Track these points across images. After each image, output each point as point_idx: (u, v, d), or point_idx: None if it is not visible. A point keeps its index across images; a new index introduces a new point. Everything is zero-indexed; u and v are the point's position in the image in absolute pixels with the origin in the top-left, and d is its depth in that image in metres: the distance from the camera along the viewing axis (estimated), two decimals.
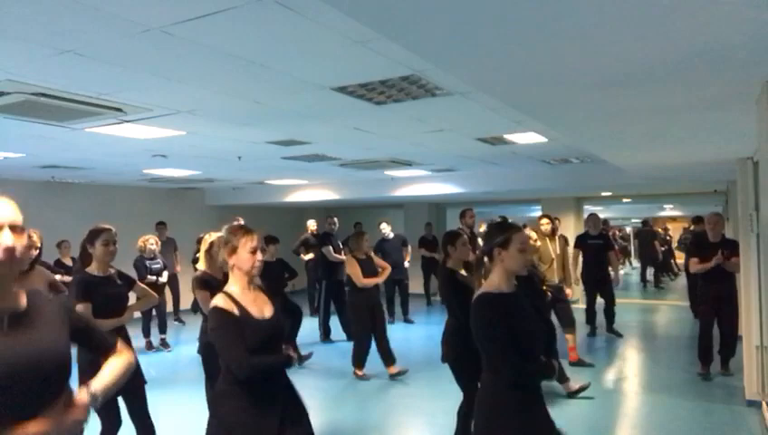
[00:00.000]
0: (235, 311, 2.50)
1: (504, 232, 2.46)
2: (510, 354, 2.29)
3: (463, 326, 3.99)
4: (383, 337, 6.32)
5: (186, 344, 8.39)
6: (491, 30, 2.12)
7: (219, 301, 2.53)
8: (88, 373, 1.66)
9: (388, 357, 6.29)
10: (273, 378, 2.60)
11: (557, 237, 6.86)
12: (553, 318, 6.34)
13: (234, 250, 2.59)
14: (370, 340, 6.32)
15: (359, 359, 6.33)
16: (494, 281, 2.43)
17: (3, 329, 1.45)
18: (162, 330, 8.18)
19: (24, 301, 1.55)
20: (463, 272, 4.20)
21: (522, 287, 2.58)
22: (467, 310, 3.97)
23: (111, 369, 1.74)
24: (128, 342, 3.68)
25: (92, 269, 3.50)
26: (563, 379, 5.38)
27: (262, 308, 2.60)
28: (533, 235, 5.86)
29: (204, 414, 4.68)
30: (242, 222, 4.76)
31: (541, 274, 5.94)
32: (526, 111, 3.94)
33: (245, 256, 2.58)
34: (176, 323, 9.82)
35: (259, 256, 2.62)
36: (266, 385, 2.55)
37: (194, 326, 9.82)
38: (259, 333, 2.51)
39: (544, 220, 6.85)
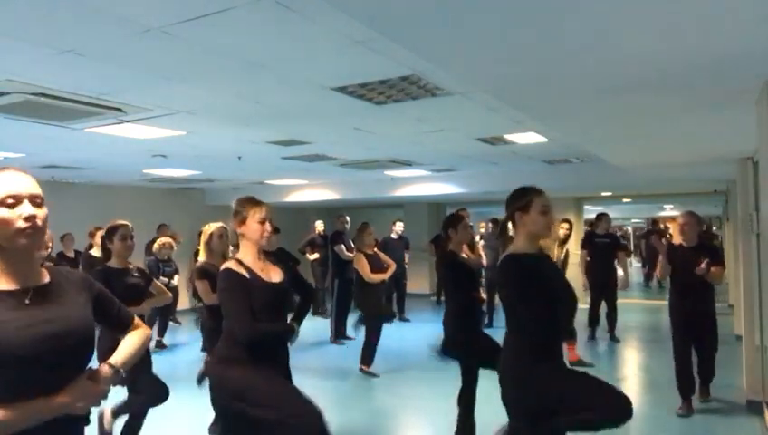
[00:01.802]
0: (245, 273, 2.56)
1: (524, 196, 2.48)
2: (538, 312, 2.29)
3: (462, 310, 4.01)
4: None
5: (183, 345, 8.39)
6: (491, 30, 2.13)
7: (230, 264, 2.59)
8: (108, 356, 1.68)
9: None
10: (274, 347, 2.62)
11: (565, 246, 6.75)
12: None
13: (243, 220, 2.66)
14: (380, 333, 6.32)
15: (366, 355, 6.30)
16: (519, 244, 2.44)
17: (25, 304, 1.47)
18: (161, 332, 8.20)
19: (46, 276, 1.57)
20: (464, 255, 4.20)
21: None
22: (467, 291, 3.99)
23: (131, 343, 1.77)
24: None
25: (112, 263, 3.70)
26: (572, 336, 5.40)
27: (270, 274, 2.66)
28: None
29: (203, 414, 4.69)
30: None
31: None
32: (526, 111, 3.94)
33: (254, 226, 2.65)
34: (171, 322, 9.81)
35: (268, 226, 2.68)
36: (265, 352, 2.57)
37: (190, 327, 9.83)
38: (266, 295, 2.57)
39: (565, 224, 6.77)
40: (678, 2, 1.87)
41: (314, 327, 7.81)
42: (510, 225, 2.53)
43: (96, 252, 7.11)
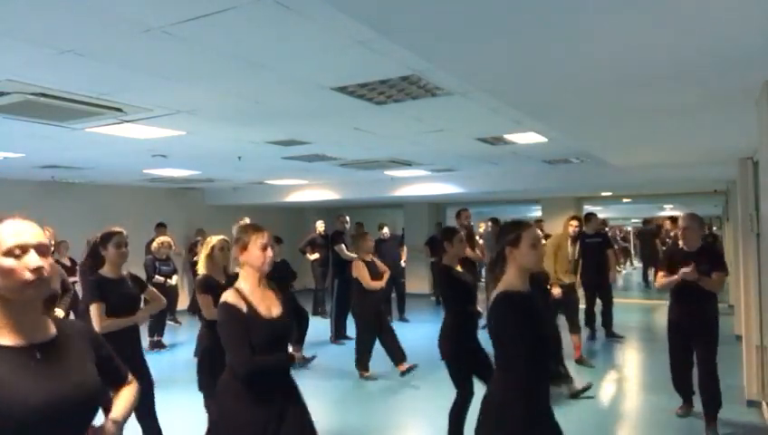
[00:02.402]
0: (243, 308, 2.53)
1: (513, 230, 2.47)
2: (527, 353, 2.29)
3: (459, 323, 4.01)
4: (391, 335, 6.34)
5: (182, 345, 8.39)
6: (491, 30, 2.13)
7: (229, 296, 2.56)
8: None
9: (398, 354, 6.29)
10: (274, 378, 2.61)
11: (579, 242, 6.76)
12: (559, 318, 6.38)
13: (245, 247, 2.63)
14: (374, 342, 6.33)
15: (363, 361, 6.34)
16: (510, 280, 2.43)
17: (36, 359, 1.43)
18: (160, 332, 8.20)
19: (52, 328, 1.54)
20: (459, 268, 4.20)
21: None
22: (464, 305, 4.00)
23: (127, 398, 1.77)
24: (138, 342, 3.74)
25: (105, 271, 3.59)
26: (568, 379, 5.37)
27: (270, 307, 2.63)
28: (539, 232, 5.85)
29: (202, 414, 4.68)
30: (248, 221, 4.78)
31: (546, 274, 5.95)
32: (527, 110, 3.94)
33: (256, 253, 2.61)
34: (171, 323, 9.82)
35: (269, 252, 2.65)
36: (266, 384, 2.56)
37: (190, 327, 9.83)
38: (265, 332, 2.54)
39: (574, 222, 6.79)
40: (678, 2, 1.87)
41: (314, 327, 7.82)
42: (501, 260, 2.52)
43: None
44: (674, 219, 11.38)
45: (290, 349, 2.78)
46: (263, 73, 3.48)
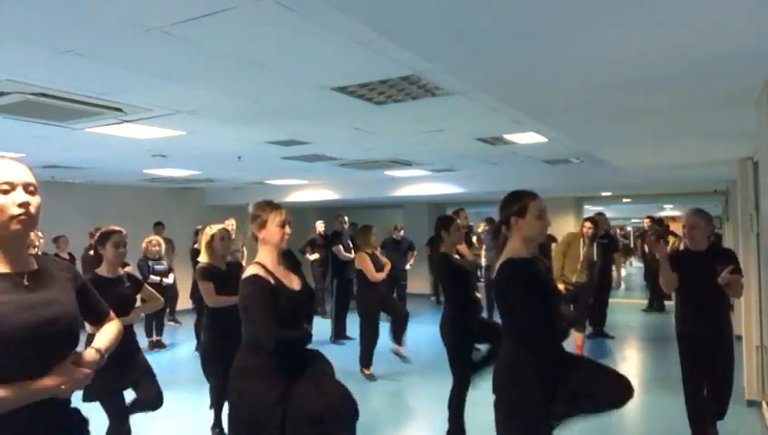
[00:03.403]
0: (271, 280, 2.58)
1: (519, 200, 2.46)
2: (539, 314, 2.30)
3: (460, 310, 4.01)
4: (402, 316, 6.39)
5: (182, 344, 8.39)
6: (491, 30, 2.12)
7: (255, 269, 2.60)
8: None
9: (401, 335, 6.34)
10: (295, 352, 2.65)
11: (595, 243, 6.74)
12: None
13: (263, 224, 2.68)
14: (377, 339, 6.31)
15: (368, 357, 6.29)
16: (515, 248, 2.43)
17: (24, 286, 1.53)
18: (159, 331, 8.19)
19: (35, 263, 1.62)
20: (456, 256, 4.21)
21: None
22: (464, 292, 4.00)
23: (109, 331, 1.84)
24: (135, 341, 3.73)
25: (102, 270, 3.57)
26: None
27: (291, 280, 2.70)
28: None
29: (202, 414, 4.68)
30: (233, 222, 4.80)
31: (548, 263, 5.97)
32: (526, 111, 3.94)
33: (274, 230, 2.67)
34: (171, 323, 9.82)
35: (287, 229, 2.71)
36: (289, 359, 2.58)
37: (188, 327, 9.82)
38: (290, 303, 2.60)
39: (589, 223, 6.79)
40: (678, 2, 1.87)
41: (314, 327, 7.81)
42: (505, 229, 2.52)
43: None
44: (654, 219, 11.34)
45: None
46: (263, 73, 3.48)
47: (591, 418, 2.46)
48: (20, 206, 1.51)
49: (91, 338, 3.19)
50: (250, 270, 2.61)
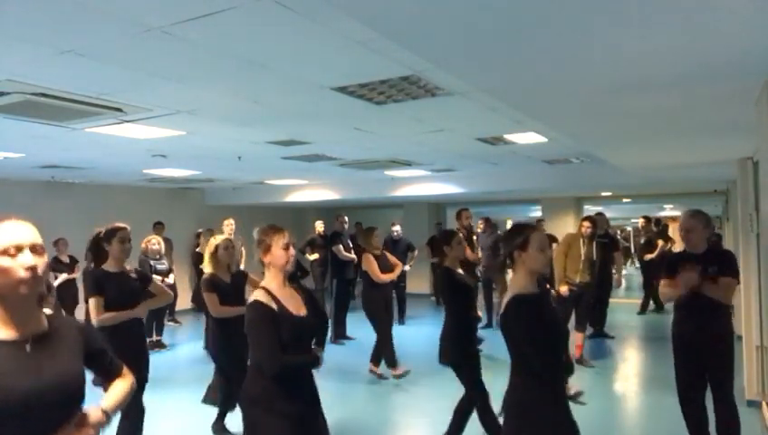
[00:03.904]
0: (274, 306, 2.58)
1: (521, 234, 2.48)
2: (544, 351, 2.33)
3: (462, 327, 4.02)
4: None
5: (183, 345, 8.39)
6: (491, 31, 2.12)
7: (259, 295, 2.62)
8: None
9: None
10: (300, 378, 2.66)
11: (595, 242, 6.72)
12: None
13: (268, 248, 2.69)
14: (392, 335, 6.28)
15: (382, 354, 6.23)
16: (521, 283, 2.45)
17: (26, 351, 1.51)
18: (159, 331, 8.19)
19: (45, 323, 1.60)
20: (460, 271, 4.21)
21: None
22: (465, 308, 4.01)
23: (120, 390, 1.82)
24: (142, 337, 3.79)
25: (108, 265, 3.67)
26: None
27: (297, 305, 2.69)
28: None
29: (202, 414, 4.68)
30: (233, 222, 4.84)
31: (545, 272, 5.97)
32: (526, 111, 3.94)
33: (279, 253, 2.68)
34: (171, 323, 9.82)
35: (291, 251, 2.74)
36: (292, 385, 2.60)
37: (190, 327, 9.83)
38: (294, 329, 2.60)
39: (587, 223, 6.80)
40: (678, 2, 1.87)
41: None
42: (509, 262, 2.55)
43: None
44: (648, 219, 11.32)
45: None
46: (263, 73, 3.48)
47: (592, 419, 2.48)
48: (28, 269, 1.50)
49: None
50: (254, 295, 2.64)
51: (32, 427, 1.46)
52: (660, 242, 10.51)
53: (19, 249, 1.50)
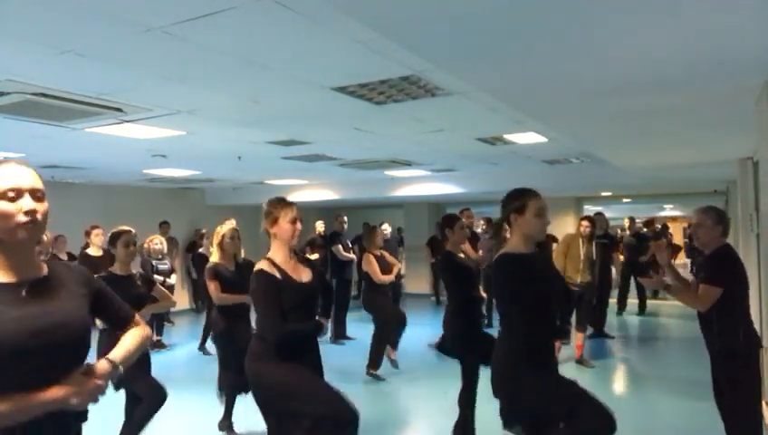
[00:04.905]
0: (277, 274, 2.66)
1: (519, 198, 2.53)
2: (529, 312, 2.34)
3: (464, 309, 4.02)
4: (401, 323, 6.33)
5: (179, 346, 8.38)
6: (491, 31, 2.13)
7: (263, 265, 2.70)
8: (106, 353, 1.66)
9: (396, 341, 6.32)
10: (304, 345, 2.73)
11: (594, 242, 6.69)
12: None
13: (275, 221, 2.77)
14: (388, 339, 6.27)
15: (373, 351, 6.24)
16: (514, 243, 2.50)
17: (21, 297, 1.47)
18: (159, 331, 8.18)
19: (44, 269, 1.57)
20: (461, 255, 4.21)
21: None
22: (467, 290, 4.01)
23: (130, 340, 1.73)
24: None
25: (115, 269, 3.74)
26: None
27: (300, 274, 2.77)
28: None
29: (202, 414, 4.68)
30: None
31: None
32: (526, 111, 3.95)
33: (286, 226, 2.75)
34: (164, 323, 9.81)
35: (298, 225, 2.79)
36: (297, 350, 2.68)
37: (185, 327, 9.82)
38: (297, 295, 2.68)
39: (586, 222, 6.80)
40: (678, 3, 1.87)
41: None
42: (506, 225, 2.58)
43: (93, 251, 7.08)
44: (633, 220, 11.29)
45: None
46: (263, 73, 3.48)
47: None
48: (27, 213, 1.46)
49: (102, 336, 3.27)
50: (258, 265, 2.71)
51: (28, 374, 1.41)
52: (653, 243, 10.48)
53: (19, 193, 1.47)
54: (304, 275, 2.78)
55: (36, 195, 1.51)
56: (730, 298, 3.21)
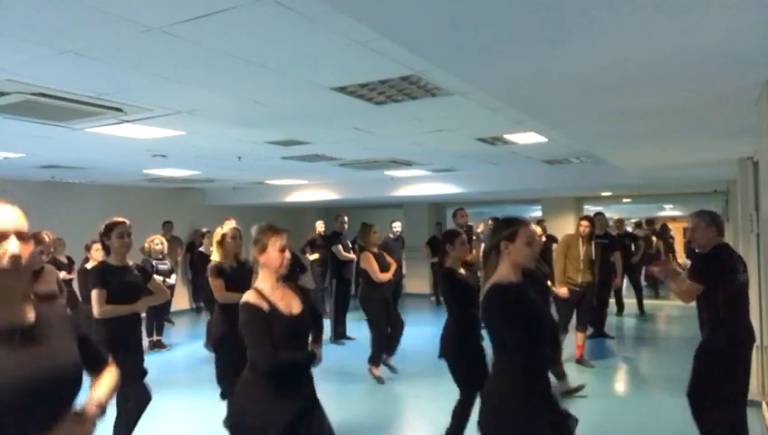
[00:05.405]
0: (265, 306, 2.59)
1: (510, 226, 2.50)
2: (524, 340, 2.32)
3: (461, 325, 4.02)
4: (399, 329, 6.34)
5: (178, 346, 8.38)
6: (491, 31, 2.13)
7: (250, 297, 2.63)
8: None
9: (394, 347, 6.31)
10: (296, 375, 2.67)
11: (594, 242, 6.69)
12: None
13: (263, 248, 2.71)
14: (387, 337, 6.28)
15: (378, 355, 6.24)
16: (503, 272, 2.47)
17: (15, 345, 1.43)
18: (159, 331, 8.19)
19: (32, 313, 1.52)
20: (462, 271, 4.20)
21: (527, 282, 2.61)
22: (466, 308, 4.01)
23: (109, 381, 1.76)
24: (139, 336, 3.85)
25: (110, 259, 3.74)
26: (561, 376, 5.38)
27: (290, 304, 2.69)
28: (539, 230, 5.84)
29: (202, 413, 4.68)
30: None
31: (545, 272, 5.96)
32: (526, 110, 3.94)
33: (274, 255, 2.69)
34: (165, 323, 9.81)
35: (287, 254, 2.73)
36: (288, 381, 2.62)
37: (184, 327, 9.82)
38: (285, 328, 2.61)
39: (585, 222, 6.80)
40: (679, 2, 1.87)
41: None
42: (495, 253, 2.55)
43: (92, 266, 7.05)
44: (621, 220, 11.32)
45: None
46: (263, 73, 3.48)
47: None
48: (11, 258, 1.40)
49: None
50: (245, 297, 2.64)
51: (31, 418, 1.40)
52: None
53: (3, 236, 1.41)
54: (294, 305, 2.70)
55: (21, 236, 1.44)
56: (713, 298, 3.41)
